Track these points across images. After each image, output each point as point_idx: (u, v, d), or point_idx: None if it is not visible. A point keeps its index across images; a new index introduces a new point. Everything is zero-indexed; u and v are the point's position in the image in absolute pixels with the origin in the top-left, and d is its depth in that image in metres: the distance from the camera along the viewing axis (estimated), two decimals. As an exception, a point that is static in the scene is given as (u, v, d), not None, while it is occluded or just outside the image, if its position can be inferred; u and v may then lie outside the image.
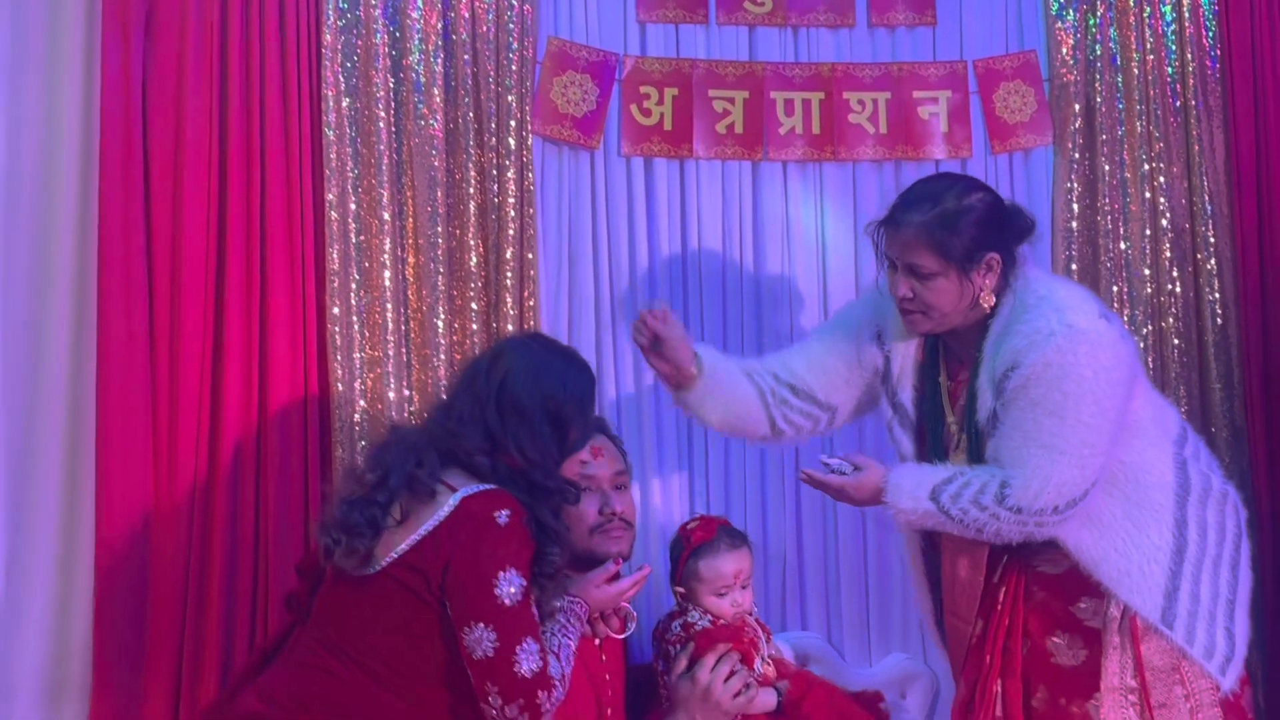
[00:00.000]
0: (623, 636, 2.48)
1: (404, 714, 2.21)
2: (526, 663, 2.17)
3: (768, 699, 2.80)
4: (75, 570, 2.99)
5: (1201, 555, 2.62)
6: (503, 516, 2.23)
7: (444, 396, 2.44)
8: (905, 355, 2.82)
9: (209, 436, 3.04)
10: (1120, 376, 2.53)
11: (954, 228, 2.60)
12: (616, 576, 2.57)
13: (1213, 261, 3.49)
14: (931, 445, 2.76)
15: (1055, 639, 2.66)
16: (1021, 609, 2.70)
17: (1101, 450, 2.53)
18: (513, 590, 2.18)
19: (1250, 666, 2.78)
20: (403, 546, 2.24)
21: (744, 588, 2.89)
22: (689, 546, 2.89)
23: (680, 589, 2.90)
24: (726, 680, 2.72)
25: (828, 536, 3.51)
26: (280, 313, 3.09)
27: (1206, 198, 3.48)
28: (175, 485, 2.99)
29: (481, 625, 2.18)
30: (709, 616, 2.84)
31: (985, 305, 2.64)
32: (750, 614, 2.92)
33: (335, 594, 2.29)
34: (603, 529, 2.76)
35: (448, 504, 2.25)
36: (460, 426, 2.32)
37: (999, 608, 2.75)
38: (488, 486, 2.28)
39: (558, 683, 2.23)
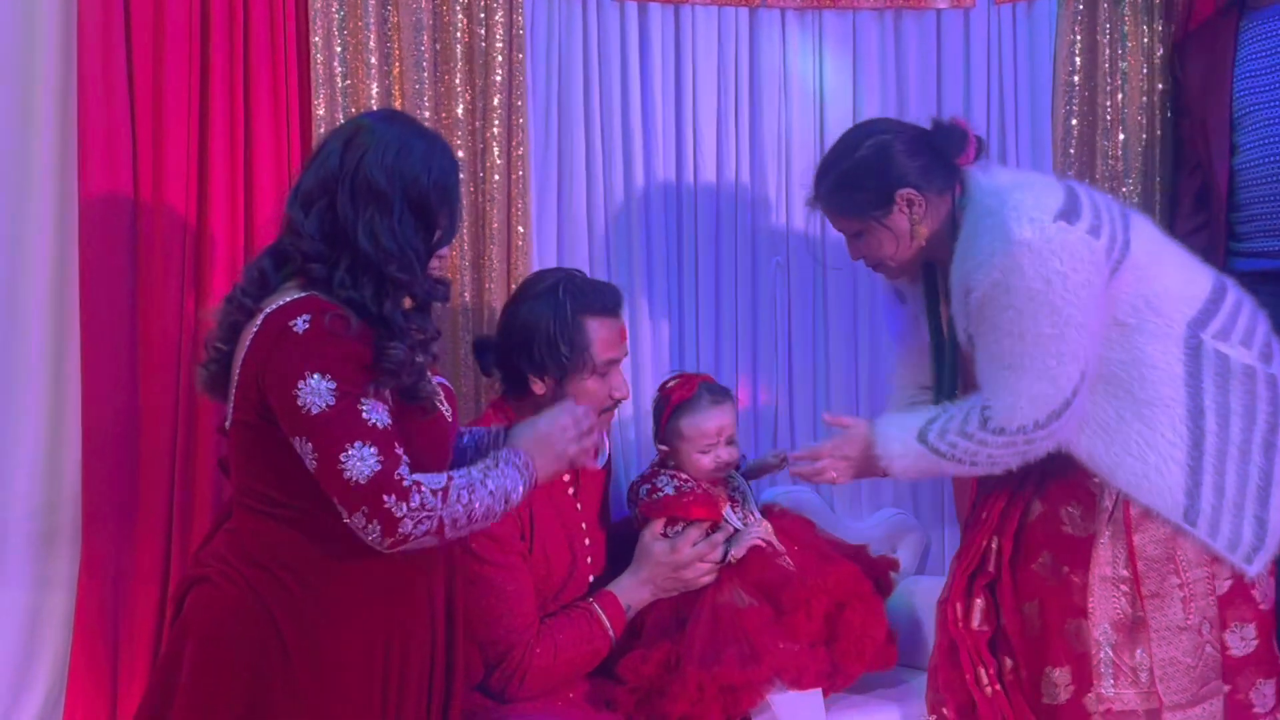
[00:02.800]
0: (599, 466, 2.44)
1: (315, 547, 2.11)
2: (355, 467, 1.99)
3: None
4: (63, 417, 2.98)
5: (1224, 444, 2.57)
6: (299, 323, 2.04)
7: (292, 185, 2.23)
8: (916, 298, 2.85)
9: (194, 285, 3.00)
10: (1080, 279, 2.47)
11: (849, 185, 2.67)
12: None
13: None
14: (949, 376, 2.77)
15: (1069, 509, 2.66)
16: (1033, 477, 2.70)
17: (1072, 357, 2.49)
18: (316, 397, 2.00)
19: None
20: (233, 386, 2.13)
21: (729, 444, 2.89)
22: (670, 405, 2.88)
23: (664, 447, 2.90)
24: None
25: (818, 390, 3.52)
26: (265, 158, 3.04)
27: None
28: (163, 333, 2.96)
29: (299, 439, 2.03)
30: (675, 482, 2.84)
31: (921, 238, 2.65)
32: (736, 469, 2.92)
33: (229, 451, 2.22)
34: (607, 411, 2.76)
35: (255, 326, 2.11)
36: (304, 218, 2.12)
37: (1001, 506, 2.76)
38: (292, 297, 2.10)
39: (419, 489, 2.02)
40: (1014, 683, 2.68)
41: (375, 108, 3.10)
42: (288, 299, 2.11)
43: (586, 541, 2.80)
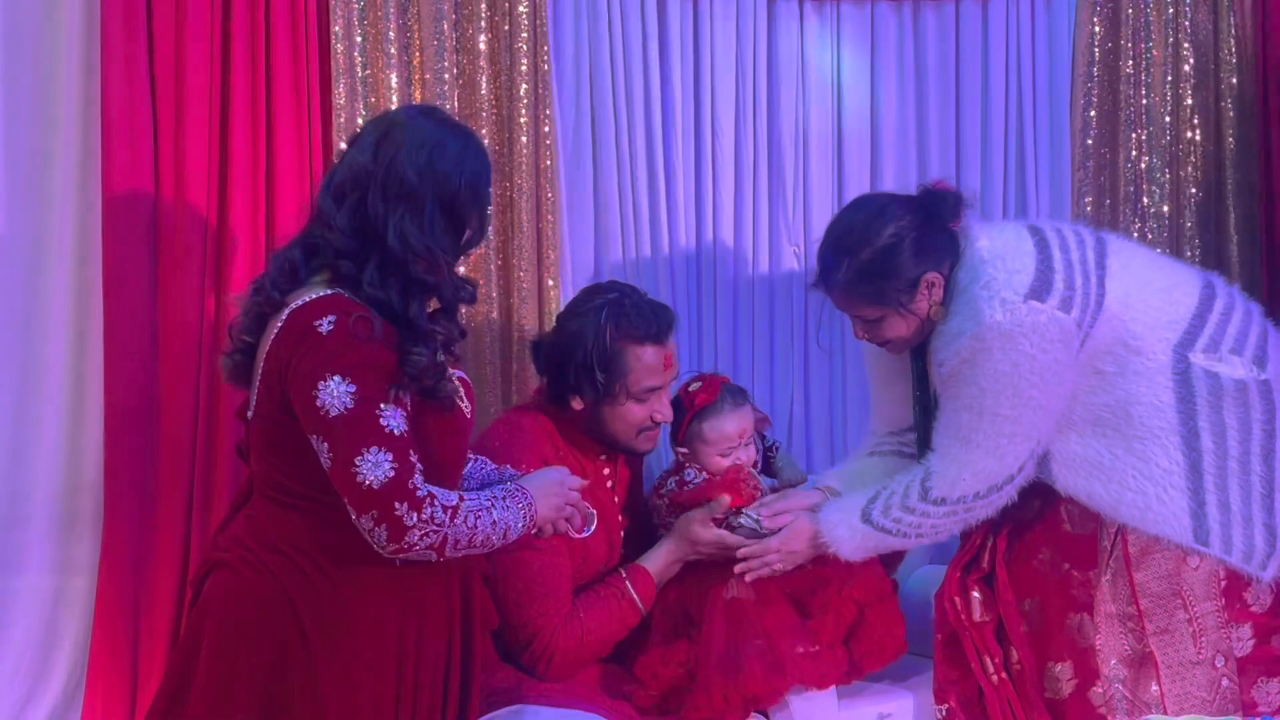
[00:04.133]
0: (582, 536, 2.42)
1: (334, 536, 2.11)
2: (371, 472, 1.99)
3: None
4: (85, 404, 2.99)
5: (1223, 460, 2.58)
6: (325, 324, 2.03)
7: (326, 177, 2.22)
8: (903, 356, 2.83)
9: (214, 273, 3.00)
10: (1048, 360, 2.49)
11: (875, 275, 2.62)
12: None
13: (1234, 109, 3.43)
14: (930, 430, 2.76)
15: (1069, 507, 2.67)
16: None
17: (1024, 437, 2.53)
18: (335, 398, 2.00)
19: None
20: (257, 378, 2.13)
21: (746, 445, 2.89)
22: (693, 409, 2.86)
23: (683, 449, 2.89)
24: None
25: (834, 394, 3.52)
26: (286, 149, 3.03)
27: (1232, 43, 3.40)
28: (184, 320, 2.97)
29: (315, 438, 2.03)
30: (704, 474, 2.85)
31: (937, 316, 2.63)
32: (754, 468, 2.93)
33: (250, 439, 2.22)
34: (647, 431, 2.74)
35: (280, 320, 2.10)
36: (335, 211, 2.11)
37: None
38: (319, 294, 2.09)
39: (431, 502, 2.02)
40: (1019, 673, 2.70)
41: (395, 98, 3.11)
42: (314, 295, 2.10)
43: (621, 534, 2.81)
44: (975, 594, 2.75)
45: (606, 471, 2.80)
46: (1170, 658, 2.60)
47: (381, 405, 2.03)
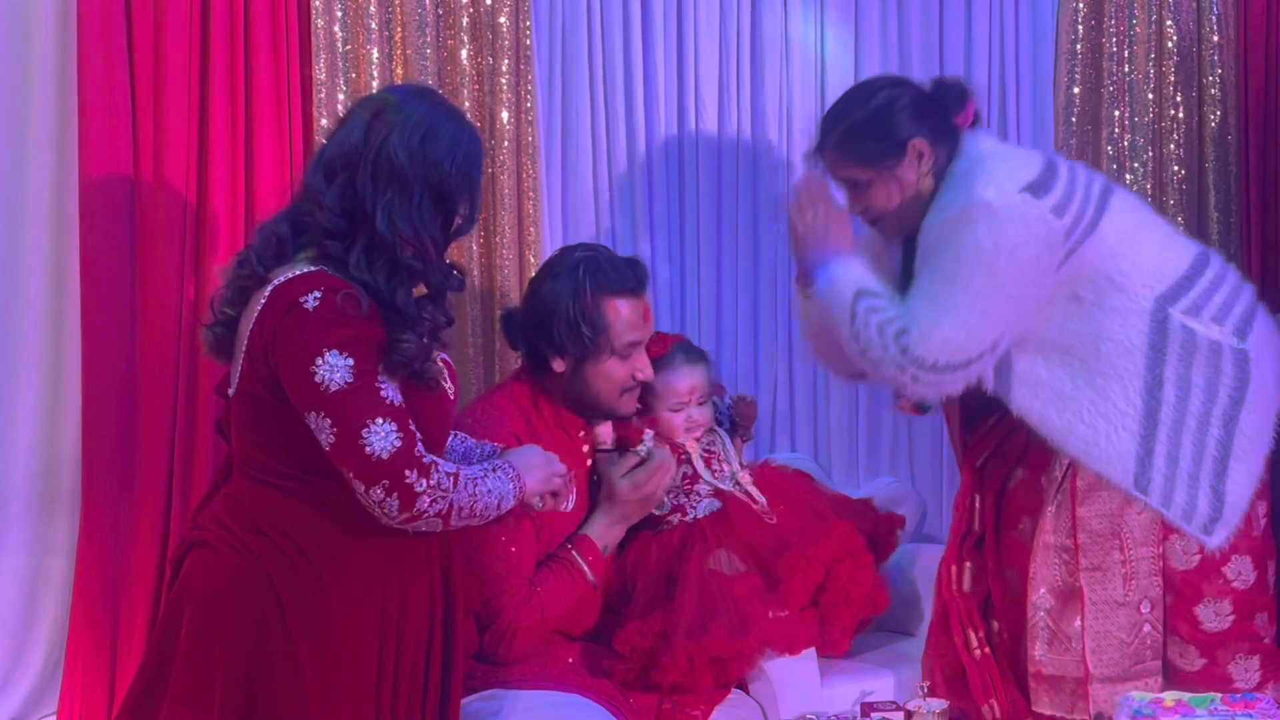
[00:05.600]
0: (566, 509, 2.42)
1: (318, 518, 2.10)
2: (379, 443, 1.98)
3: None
4: (63, 383, 2.97)
5: (1182, 415, 2.59)
6: (310, 300, 2.01)
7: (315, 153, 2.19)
8: (894, 259, 2.82)
9: (194, 252, 2.98)
10: (1029, 254, 2.48)
11: (864, 133, 2.65)
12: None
13: (1217, 87, 3.43)
14: None
15: (1047, 477, 2.68)
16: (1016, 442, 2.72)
17: (993, 323, 2.50)
18: (337, 374, 1.98)
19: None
20: (240, 355, 2.11)
21: (700, 404, 2.89)
22: None
23: (638, 405, 2.88)
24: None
25: (817, 368, 3.52)
26: (266, 126, 3.01)
27: (1215, 20, 3.40)
28: (163, 298, 2.95)
29: (314, 414, 2.00)
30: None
31: (925, 191, 2.63)
32: (708, 430, 2.92)
33: (231, 416, 2.19)
34: (629, 391, 2.74)
35: (264, 296, 2.07)
36: (325, 188, 2.08)
37: (986, 429, 2.78)
38: (303, 270, 2.06)
39: (436, 469, 2.03)
40: (1000, 645, 2.72)
41: (376, 73, 3.09)
42: (298, 271, 2.08)
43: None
44: (969, 563, 2.76)
45: (586, 450, 2.79)
46: (1098, 595, 2.63)
47: (379, 377, 2.03)
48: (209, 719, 2.08)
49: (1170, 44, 3.42)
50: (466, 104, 3.14)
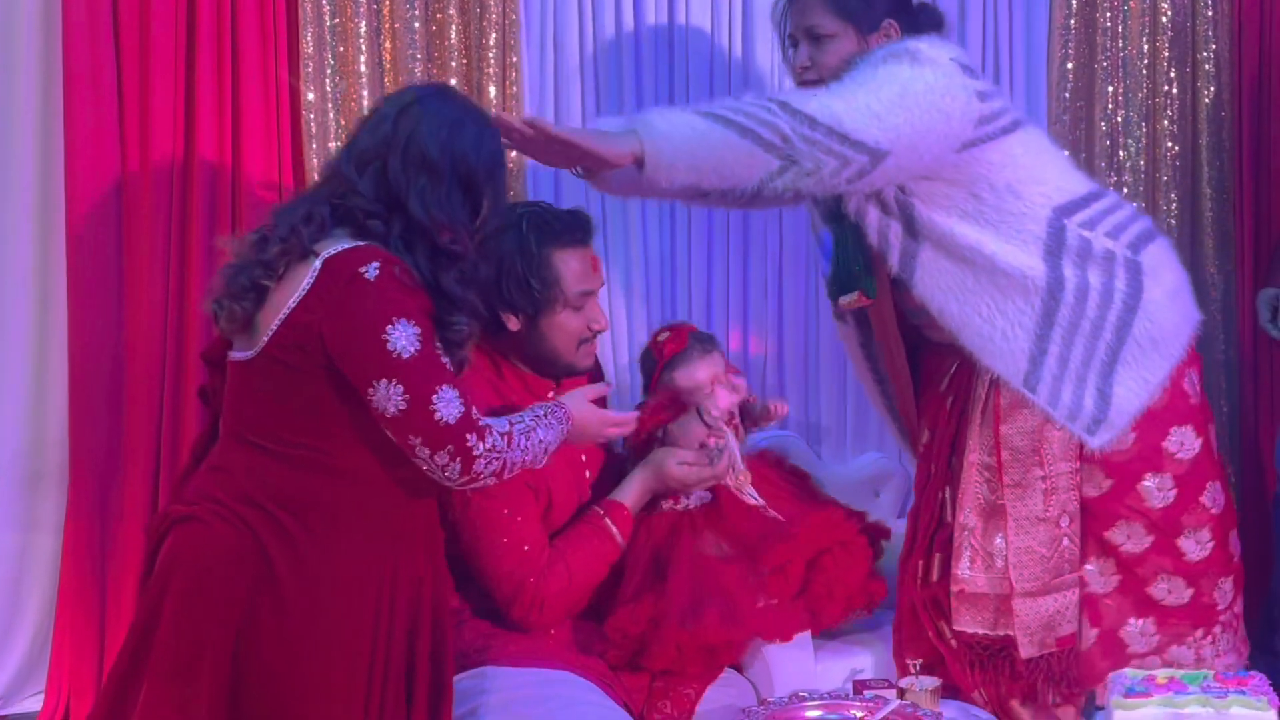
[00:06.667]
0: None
1: (324, 488, 2.13)
2: (445, 409, 2.07)
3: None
4: (49, 359, 2.97)
5: (1078, 319, 2.63)
6: (371, 270, 2.07)
7: (344, 142, 2.25)
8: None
9: (180, 226, 2.97)
10: (940, 104, 2.52)
11: None
12: (604, 401, 2.54)
13: (1211, 63, 3.42)
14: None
15: (971, 396, 2.72)
16: (969, 422, 2.72)
17: (893, 129, 2.48)
18: (406, 341, 2.06)
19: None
20: (277, 321, 2.12)
21: (723, 388, 2.87)
22: (662, 359, 2.84)
23: None
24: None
25: (808, 336, 3.52)
26: (253, 99, 3.00)
27: (1209, -7, 3.40)
28: (150, 273, 2.94)
29: (384, 382, 2.06)
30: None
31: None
32: (731, 417, 2.91)
33: (232, 383, 2.20)
34: (586, 344, 2.72)
35: (313, 270, 2.11)
36: (358, 178, 2.16)
37: (944, 416, 2.79)
38: (353, 244, 2.12)
39: (491, 431, 2.12)
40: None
41: (364, 46, 3.07)
42: (347, 245, 2.12)
43: (587, 474, 2.78)
44: (939, 555, 2.77)
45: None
46: (1019, 511, 2.66)
47: (437, 345, 2.11)
48: (194, 694, 2.07)
49: (1165, 19, 3.41)
50: (453, 78, 3.12)
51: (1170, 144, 3.45)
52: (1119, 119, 3.42)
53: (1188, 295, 2.79)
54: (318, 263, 2.10)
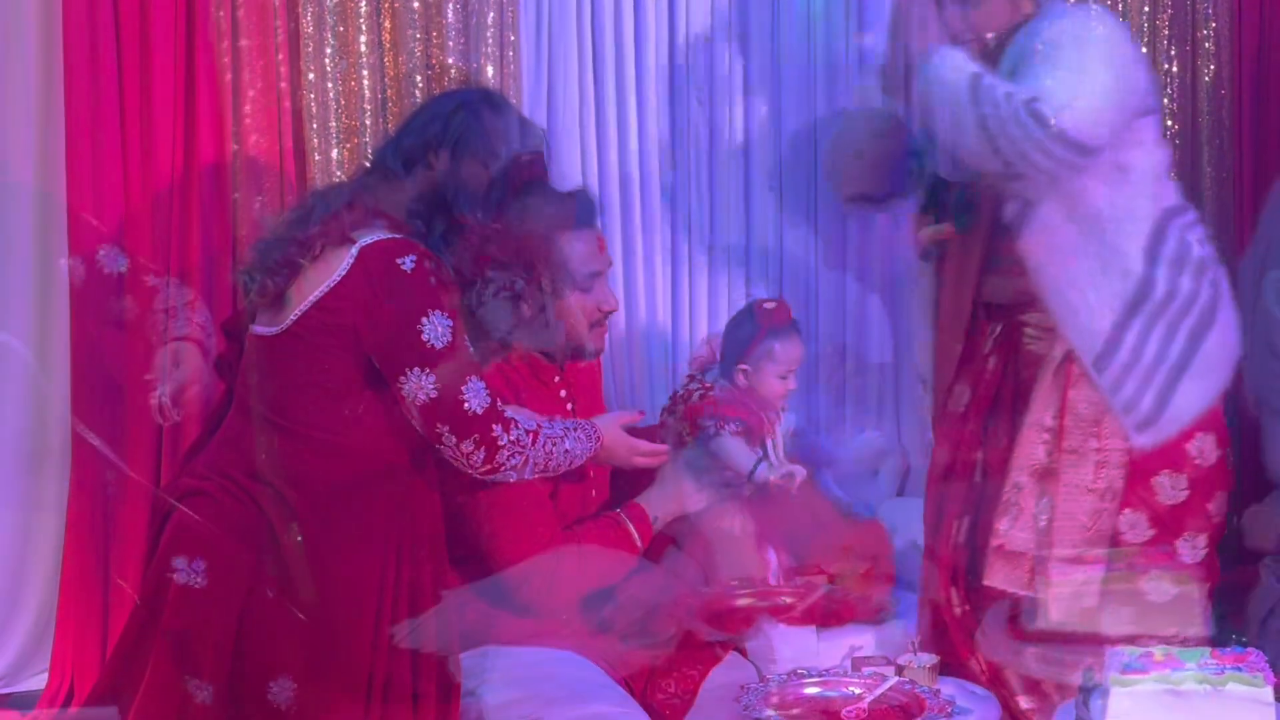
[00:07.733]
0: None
1: (335, 470, 2.16)
2: (474, 399, 2.14)
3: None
4: (52, 337, 2.98)
5: (1158, 315, 2.62)
6: (407, 263, 2.13)
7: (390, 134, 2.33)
8: None
9: (180, 206, 2.98)
10: (1132, 75, 2.55)
11: None
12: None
13: (1211, 41, 3.41)
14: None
15: (1048, 356, 2.70)
16: (1011, 382, 2.74)
17: (1108, 118, 2.50)
18: (440, 332, 2.12)
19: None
20: (308, 302, 2.15)
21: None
22: (767, 324, 2.85)
23: (746, 366, 2.85)
24: None
25: (809, 318, 3.52)
26: (252, 77, 3.01)
27: (1210, -31, 3.40)
28: (153, 249, 2.95)
29: (416, 371, 2.12)
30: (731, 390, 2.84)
31: (1026, 14, 2.65)
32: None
33: (252, 357, 2.23)
34: (597, 326, 2.72)
35: (349, 257, 2.14)
36: (405, 174, 2.24)
37: (986, 377, 2.79)
38: (388, 235, 2.17)
39: (516, 425, 2.18)
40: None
41: (364, 25, 3.07)
42: (382, 235, 2.16)
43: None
44: (966, 518, 2.79)
45: (563, 394, 2.77)
46: (1071, 478, 2.67)
47: (465, 339, 2.16)
48: (198, 671, 2.10)
49: (1164, -5, 3.41)
50: (451, 57, 3.13)
51: (1170, 122, 3.44)
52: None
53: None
54: (355, 250, 2.14)
